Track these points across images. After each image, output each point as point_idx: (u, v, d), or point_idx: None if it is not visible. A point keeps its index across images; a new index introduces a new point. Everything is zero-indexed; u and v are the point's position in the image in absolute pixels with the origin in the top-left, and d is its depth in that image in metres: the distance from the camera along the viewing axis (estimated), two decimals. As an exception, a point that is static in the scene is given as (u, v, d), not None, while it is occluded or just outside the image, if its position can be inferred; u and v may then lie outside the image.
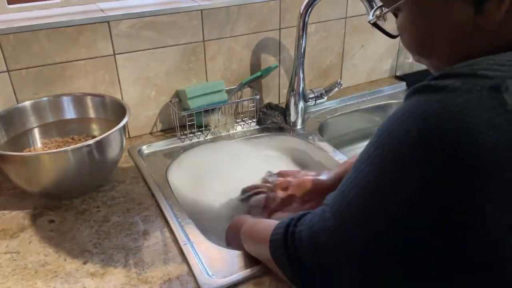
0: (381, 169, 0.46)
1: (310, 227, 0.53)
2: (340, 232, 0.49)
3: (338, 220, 0.49)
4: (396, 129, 0.45)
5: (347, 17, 1.26)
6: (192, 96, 1.07)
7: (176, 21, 1.04)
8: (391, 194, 0.44)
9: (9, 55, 0.93)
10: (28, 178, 0.82)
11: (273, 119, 1.15)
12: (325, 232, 0.50)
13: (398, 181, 0.44)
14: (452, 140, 0.41)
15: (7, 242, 0.78)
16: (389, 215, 0.45)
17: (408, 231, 0.44)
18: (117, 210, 0.85)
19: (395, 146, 0.45)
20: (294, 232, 0.55)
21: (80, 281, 0.70)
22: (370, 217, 0.46)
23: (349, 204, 0.48)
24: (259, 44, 1.16)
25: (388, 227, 0.45)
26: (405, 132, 0.44)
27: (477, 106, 0.40)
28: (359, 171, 0.48)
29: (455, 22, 0.48)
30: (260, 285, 0.68)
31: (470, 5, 0.46)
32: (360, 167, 0.48)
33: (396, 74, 1.44)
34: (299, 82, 1.10)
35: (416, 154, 0.43)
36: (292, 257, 0.55)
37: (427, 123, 0.42)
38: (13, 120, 0.93)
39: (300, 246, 0.53)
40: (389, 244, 0.45)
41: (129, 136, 1.11)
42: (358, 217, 0.47)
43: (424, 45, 0.52)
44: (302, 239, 0.53)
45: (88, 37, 0.97)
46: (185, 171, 1.01)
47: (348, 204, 0.49)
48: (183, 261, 0.73)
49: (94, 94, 1.00)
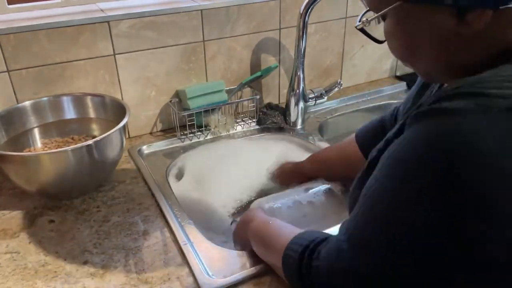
0: (397, 202, 0.45)
1: (327, 260, 0.52)
2: (358, 267, 0.49)
3: (354, 252, 0.49)
4: (408, 158, 0.44)
5: (347, 17, 1.26)
6: (192, 96, 1.07)
7: (176, 21, 1.04)
8: (410, 227, 0.44)
9: (9, 55, 0.93)
10: (28, 178, 0.82)
11: (273, 119, 1.15)
12: (344, 272, 0.50)
13: (415, 215, 0.43)
14: (470, 165, 0.40)
15: (7, 242, 0.78)
16: (406, 244, 0.45)
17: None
18: (117, 210, 0.85)
19: (410, 176, 0.44)
20: (310, 265, 0.55)
21: (80, 281, 0.70)
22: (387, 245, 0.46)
23: (372, 228, 0.48)
24: (259, 44, 1.16)
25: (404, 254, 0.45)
26: (419, 160, 0.43)
27: (494, 129, 0.39)
28: (373, 205, 0.48)
29: (439, 30, 0.48)
30: (260, 285, 0.68)
31: (453, 15, 0.47)
32: (373, 200, 0.48)
33: (396, 74, 1.44)
34: (299, 82, 1.10)
35: (435, 185, 0.42)
36: (307, 286, 0.55)
37: (442, 149, 0.41)
38: (13, 120, 0.93)
39: (317, 281, 0.53)
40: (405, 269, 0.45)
41: (129, 136, 1.11)
42: (385, 236, 0.47)
43: (410, 51, 0.53)
44: (319, 274, 0.53)
45: (88, 37, 0.97)
46: (186, 171, 1.01)
47: (371, 227, 0.48)
48: (183, 261, 0.73)
49: (94, 94, 1.00)
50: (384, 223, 0.47)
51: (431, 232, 0.43)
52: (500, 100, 0.40)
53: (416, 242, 0.44)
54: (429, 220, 0.43)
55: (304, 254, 0.56)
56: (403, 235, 0.45)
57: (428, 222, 0.43)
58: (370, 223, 0.48)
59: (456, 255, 0.43)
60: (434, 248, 0.43)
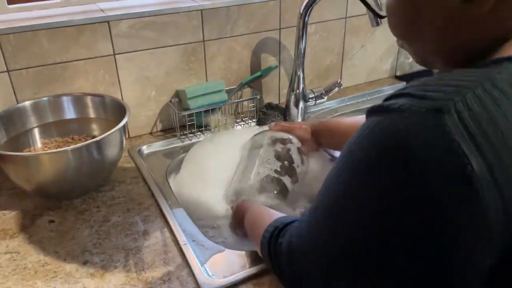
0: (347, 187, 0.47)
1: (288, 238, 0.56)
2: (312, 235, 0.51)
3: (312, 222, 0.52)
4: (356, 150, 0.46)
5: (347, 17, 1.26)
6: (192, 96, 1.07)
7: (176, 21, 1.04)
8: (354, 212, 0.46)
9: (9, 55, 0.93)
10: (28, 178, 0.82)
11: (273, 119, 1.15)
12: (299, 238, 0.54)
13: (352, 204, 0.46)
14: (400, 159, 0.41)
15: (7, 242, 0.78)
16: (355, 227, 0.46)
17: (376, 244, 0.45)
18: (117, 210, 0.85)
19: (356, 166, 0.46)
20: (276, 243, 0.59)
21: (80, 281, 0.70)
22: (338, 226, 0.47)
23: (321, 212, 0.50)
24: (259, 44, 1.16)
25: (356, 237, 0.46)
26: (363, 153, 0.45)
27: (420, 128, 0.41)
28: (324, 189, 0.50)
29: (443, 9, 0.48)
30: (260, 285, 0.68)
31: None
32: (330, 184, 0.50)
33: (396, 74, 1.44)
34: (299, 82, 1.11)
35: (373, 174, 0.44)
36: (276, 268, 0.59)
37: (381, 143, 0.43)
38: (13, 120, 0.93)
39: (280, 259, 0.57)
40: (357, 252, 0.46)
41: (129, 136, 1.11)
42: (329, 223, 0.49)
43: (411, 29, 0.53)
44: (282, 252, 0.57)
45: (88, 37, 0.97)
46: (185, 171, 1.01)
47: (321, 212, 0.50)
48: (183, 261, 0.73)
49: (94, 94, 1.00)
50: (327, 208, 0.49)
51: (364, 223, 0.44)
52: (429, 101, 0.42)
53: (352, 231, 0.46)
54: (362, 210, 0.45)
55: (274, 233, 0.60)
56: (342, 222, 0.47)
57: (361, 212, 0.45)
58: (320, 205, 0.51)
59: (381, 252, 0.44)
60: (365, 241, 0.45)
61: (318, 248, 0.50)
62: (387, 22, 0.56)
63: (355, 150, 0.46)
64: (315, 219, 0.51)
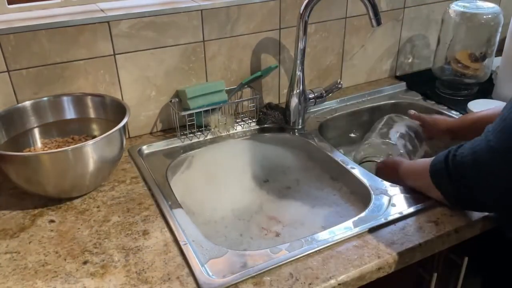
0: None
1: (472, 148, 0.64)
2: (504, 152, 0.59)
3: (501, 141, 0.59)
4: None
5: (347, 17, 1.26)
6: (192, 96, 1.07)
7: (176, 21, 1.04)
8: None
9: (9, 55, 0.93)
10: (28, 178, 0.82)
11: (273, 119, 1.15)
12: (488, 152, 0.60)
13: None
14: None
15: (7, 242, 0.78)
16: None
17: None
18: (117, 210, 0.85)
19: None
20: (455, 155, 0.67)
21: (80, 281, 0.70)
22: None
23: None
24: (259, 44, 1.16)
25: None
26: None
27: None
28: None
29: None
30: (260, 285, 0.68)
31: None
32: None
33: (396, 74, 1.44)
34: (299, 82, 1.10)
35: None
36: (453, 176, 0.66)
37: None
38: (13, 120, 0.93)
39: (462, 164, 0.64)
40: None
41: (129, 136, 1.11)
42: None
43: None
44: (464, 158, 0.64)
45: (88, 37, 0.97)
46: (186, 173, 1.01)
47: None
48: (183, 261, 0.73)
49: (94, 94, 1.00)
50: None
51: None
52: None
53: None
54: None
55: (450, 153, 0.69)
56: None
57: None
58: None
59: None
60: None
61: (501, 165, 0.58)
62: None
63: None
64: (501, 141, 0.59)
